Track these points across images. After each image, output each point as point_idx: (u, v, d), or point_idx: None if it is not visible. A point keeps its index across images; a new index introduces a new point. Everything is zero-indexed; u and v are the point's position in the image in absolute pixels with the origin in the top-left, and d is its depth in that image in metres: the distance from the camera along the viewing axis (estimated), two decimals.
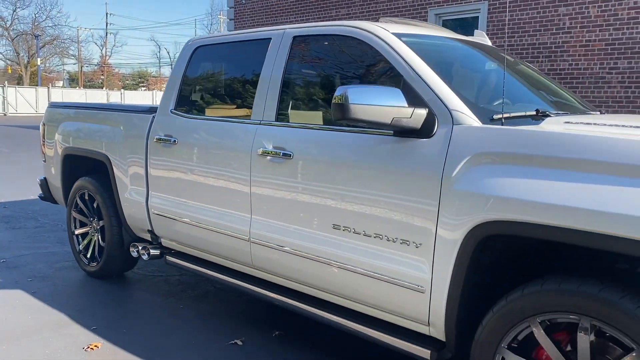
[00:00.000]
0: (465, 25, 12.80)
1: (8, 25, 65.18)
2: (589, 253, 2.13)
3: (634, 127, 2.35)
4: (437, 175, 2.37)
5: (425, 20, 13.12)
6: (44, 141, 5.12)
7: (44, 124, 5.12)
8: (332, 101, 2.44)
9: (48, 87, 37.23)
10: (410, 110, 2.45)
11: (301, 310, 3.02)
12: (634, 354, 1.89)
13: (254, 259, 3.23)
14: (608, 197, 1.90)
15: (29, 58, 63.85)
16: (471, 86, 3.05)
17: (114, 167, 4.18)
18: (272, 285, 3.26)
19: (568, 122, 2.43)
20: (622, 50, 10.39)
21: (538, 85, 3.57)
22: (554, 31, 11.19)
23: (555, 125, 2.37)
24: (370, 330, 2.72)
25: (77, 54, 63.80)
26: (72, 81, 64.95)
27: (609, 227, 1.87)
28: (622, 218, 1.84)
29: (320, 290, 2.96)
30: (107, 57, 66.45)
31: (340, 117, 2.44)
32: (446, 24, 13.00)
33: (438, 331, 2.46)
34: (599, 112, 3.60)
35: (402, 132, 2.52)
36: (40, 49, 57.09)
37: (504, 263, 2.41)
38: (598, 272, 2.08)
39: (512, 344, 2.19)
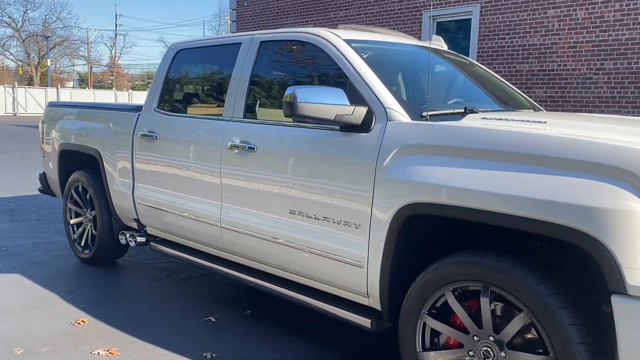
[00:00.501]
0: (459, 27, 13.10)
1: (19, 27, 65.99)
2: (499, 231, 2.45)
3: (539, 122, 2.67)
4: (372, 165, 2.70)
5: (420, 22, 13.41)
6: (42, 138, 5.50)
7: (43, 122, 5.50)
8: (283, 99, 2.78)
9: (57, 88, 37.82)
10: (352, 108, 2.79)
11: (263, 287, 3.37)
12: (522, 315, 2.22)
13: (224, 242, 3.58)
14: (501, 181, 2.23)
15: (39, 59, 64.60)
16: (411, 87, 3.37)
17: (104, 161, 4.54)
18: (242, 267, 3.60)
19: (484, 118, 2.76)
20: (608, 52, 10.64)
21: (489, 85, 3.89)
22: (543, 33, 11.46)
23: (471, 120, 2.70)
24: (322, 303, 3.05)
25: (86, 54, 64.54)
26: (82, 82, 65.66)
27: (501, 206, 2.21)
28: (510, 198, 2.18)
29: (280, 269, 3.30)
30: (117, 58, 67.13)
31: (289, 114, 2.79)
32: (440, 26, 13.31)
33: (375, 302, 2.80)
34: (542, 110, 3.93)
35: (346, 127, 2.86)
36: (50, 50, 57.73)
37: (429, 240, 2.74)
38: (509, 248, 2.41)
39: (432, 310, 2.52)
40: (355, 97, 2.87)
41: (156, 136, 4.03)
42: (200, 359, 3.17)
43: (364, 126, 2.81)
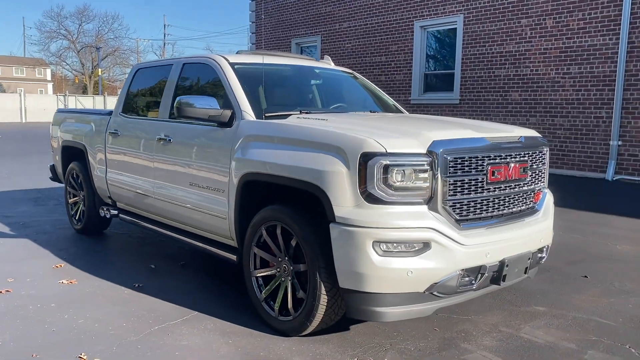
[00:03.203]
0: (446, 36, 14.15)
1: (74, 39, 70.00)
2: (286, 189, 3.69)
3: (324, 120, 3.89)
4: (230, 149, 4.01)
5: (412, 31, 14.50)
6: (52, 137, 7.05)
7: (52, 125, 7.05)
8: (174, 105, 4.13)
9: (104, 95, 40.67)
10: (221, 111, 4.11)
11: (178, 239, 4.72)
12: (293, 239, 3.48)
13: (157, 209, 4.96)
14: (282, 156, 3.51)
15: (92, 68, 68.40)
16: (273, 96, 4.64)
17: (88, 154, 6.01)
18: (173, 229, 4.96)
19: (298, 117, 4.02)
20: (574, 57, 11.53)
21: (360, 93, 5.14)
22: (517, 40, 12.41)
23: (291, 119, 3.97)
24: (212, 248, 4.36)
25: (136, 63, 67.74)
26: None
27: (281, 172, 3.49)
28: (285, 167, 3.46)
29: (189, 225, 4.64)
30: None
31: (178, 115, 4.14)
32: (430, 35, 14.37)
33: (235, 243, 4.10)
34: (405, 113, 5.14)
35: (220, 124, 4.17)
36: (102, 60, 61.20)
37: (260, 197, 3.98)
38: (292, 200, 3.67)
39: (258, 243, 3.80)
40: (227, 103, 4.20)
41: (119, 133, 5.46)
42: (131, 287, 4.53)
43: (229, 123, 4.12)
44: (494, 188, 3.45)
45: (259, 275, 3.82)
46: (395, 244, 3.13)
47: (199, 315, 3.93)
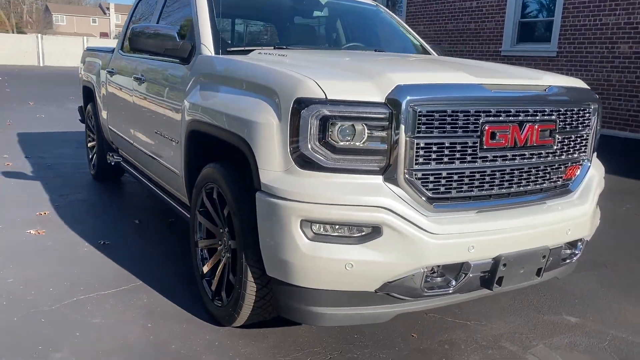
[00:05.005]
0: None
1: None
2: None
3: (282, 55, 3.02)
4: (184, 91, 3.29)
5: None
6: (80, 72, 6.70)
7: (81, 62, 6.69)
8: (128, 35, 3.45)
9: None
10: (180, 43, 3.37)
11: (151, 190, 4.14)
12: (227, 206, 2.72)
13: (137, 158, 4.39)
14: (219, 101, 2.73)
15: None
16: (257, 31, 3.80)
17: (95, 93, 5.56)
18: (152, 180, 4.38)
19: (259, 53, 3.16)
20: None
21: (377, 30, 4.18)
22: None
23: (252, 55, 3.13)
24: (179, 208, 3.71)
25: None
26: None
27: (221, 122, 2.71)
28: (218, 114, 2.68)
29: (158, 179, 4.02)
30: None
31: (131, 48, 3.46)
32: None
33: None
34: (433, 55, 4.12)
35: (181, 60, 3.44)
36: None
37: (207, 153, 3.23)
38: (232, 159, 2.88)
39: (200, 209, 3.09)
40: (191, 35, 3.45)
41: (114, 72, 4.91)
42: (95, 245, 4.03)
43: (188, 59, 3.38)
44: (493, 157, 2.46)
45: (202, 246, 3.13)
46: (331, 226, 2.28)
47: (140, 287, 3.34)
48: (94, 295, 3.21)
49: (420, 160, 2.30)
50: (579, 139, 2.78)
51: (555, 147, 2.65)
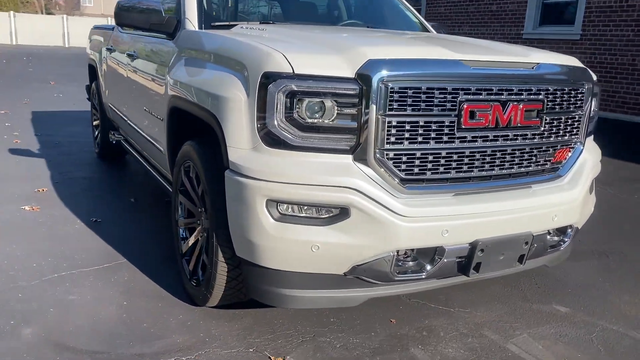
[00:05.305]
0: None
1: None
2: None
3: (262, 30, 2.92)
4: (167, 66, 3.22)
5: None
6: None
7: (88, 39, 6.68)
8: (114, 11, 3.39)
9: None
10: (165, 17, 3.30)
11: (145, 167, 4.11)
12: (201, 184, 2.65)
13: (132, 136, 4.36)
14: (195, 76, 2.65)
15: None
16: (250, 7, 3.69)
17: (97, 71, 5.53)
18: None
19: (241, 28, 3.07)
20: None
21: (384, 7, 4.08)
22: None
23: (235, 29, 3.04)
24: (163, 183, 3.69)
25: None
26: None
27: (194, 97, 2.64)
28: (192, 89, 2.60)
29: (150, 157, 3.99)
30: None
31: (117, 23, 3.39)
32: None
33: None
34: (432, 32, 3.98)
35: (167, 35, 3.37)
36: None
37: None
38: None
39: (180, 188, 3.03)
40: (177, 11, 3.37)
41: (112, 49, 4.88)
42: (86, 222, 4.03)
43: (173, 34, 3.31)
44: (472, 137, 2.34)
45: (182, 225, 3.08)
46: (298, 207, 2.21)
47: (123, 265, 3.32)
48: (76, 272, 3.19)
49: (392, 139, 2.20)
50: (570, 121, 2.64)
51: (542, 129, 2.52)
